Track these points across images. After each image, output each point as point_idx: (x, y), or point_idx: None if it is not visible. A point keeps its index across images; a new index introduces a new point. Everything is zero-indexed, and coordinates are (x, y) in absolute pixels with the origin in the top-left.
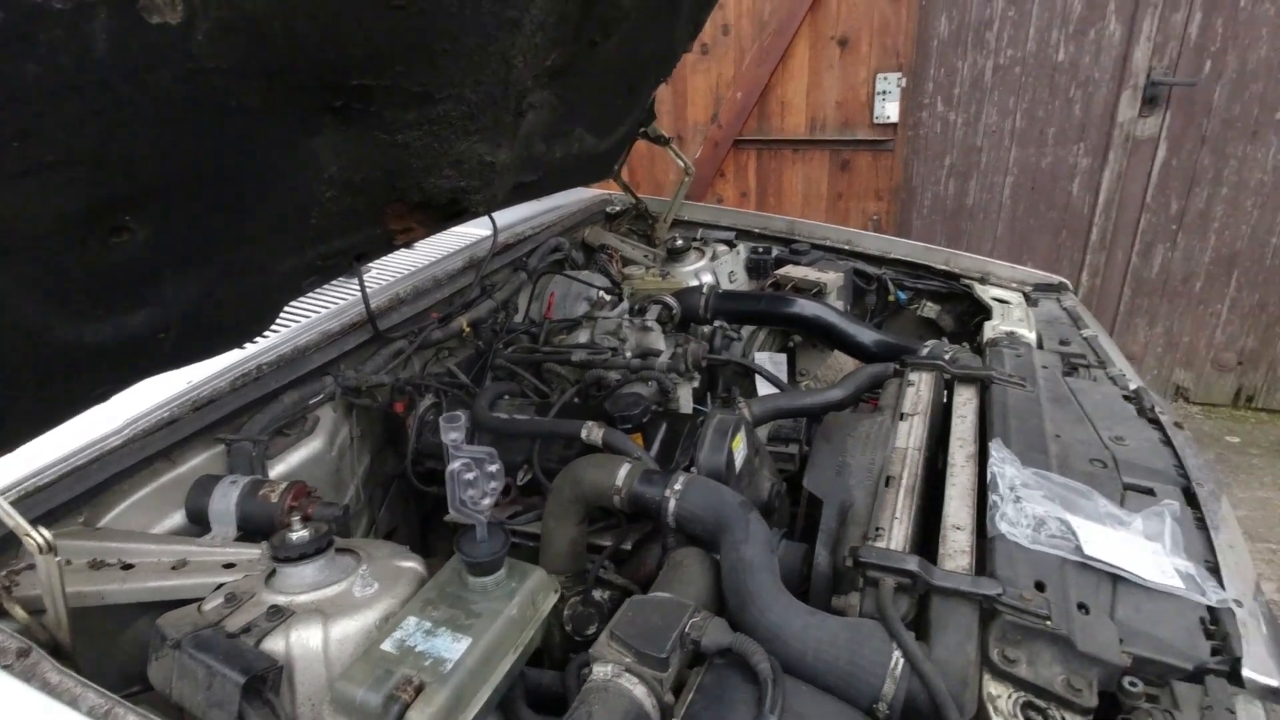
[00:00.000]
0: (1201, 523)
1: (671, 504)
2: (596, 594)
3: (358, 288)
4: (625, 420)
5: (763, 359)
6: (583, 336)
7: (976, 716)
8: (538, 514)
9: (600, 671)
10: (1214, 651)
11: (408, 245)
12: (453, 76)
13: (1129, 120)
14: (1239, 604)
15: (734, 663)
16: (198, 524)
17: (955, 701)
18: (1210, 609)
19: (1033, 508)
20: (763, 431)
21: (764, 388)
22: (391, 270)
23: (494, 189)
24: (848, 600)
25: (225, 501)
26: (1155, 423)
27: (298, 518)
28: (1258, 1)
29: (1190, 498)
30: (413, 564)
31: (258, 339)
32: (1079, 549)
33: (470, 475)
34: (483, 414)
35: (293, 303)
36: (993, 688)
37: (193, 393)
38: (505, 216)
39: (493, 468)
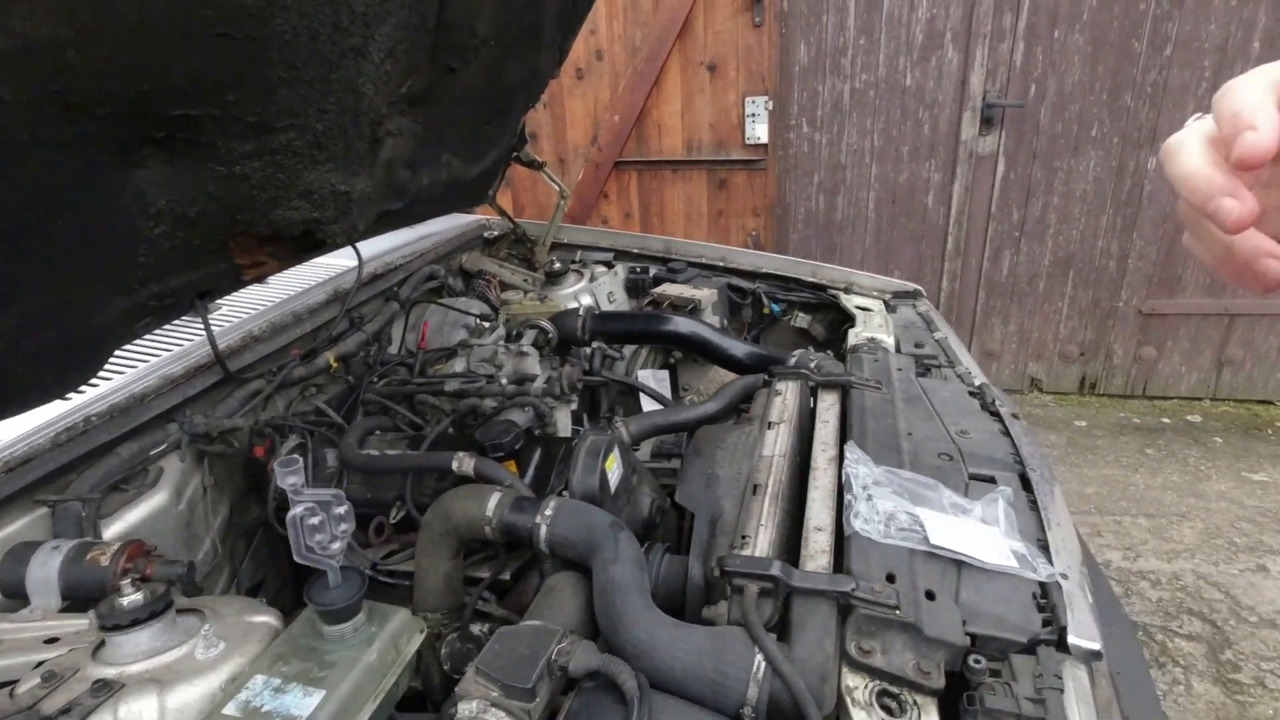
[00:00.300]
0: (1034, 504)
1: (543, 530)
2: (475, 628)
3: (202, 327)
4: (497, 448)
5: (646, 376)
6: (458, 365)
7: (836, 709)
8: (412, 551)
9: (465, 709)
10: (1045, 623)
11: (259, 280)
12: (293, 105)
13: (971, 138)
14: (1065, 577)
15: (604, 685)
16: (14, 598)
17: (815, 698)
18: (1041, 584)
19: (884, 504)
20: (646, 448)
21: (649, 405)
22: (244, 307)
23: (352, 219)
24: (716, 610)
25: (45, 570)
26: (995, 415)
27: (130, 580)
28: (1069, 33)
29: (1026, 482)
30: (266, 618)
31: (83, 388)
32: (926, 539)
33: (316, 520)
34: (350, 452)
35: (126, 347)
36: (850, 680)
37: (3, 452)
38: (374, 246)
39: (340, 509)
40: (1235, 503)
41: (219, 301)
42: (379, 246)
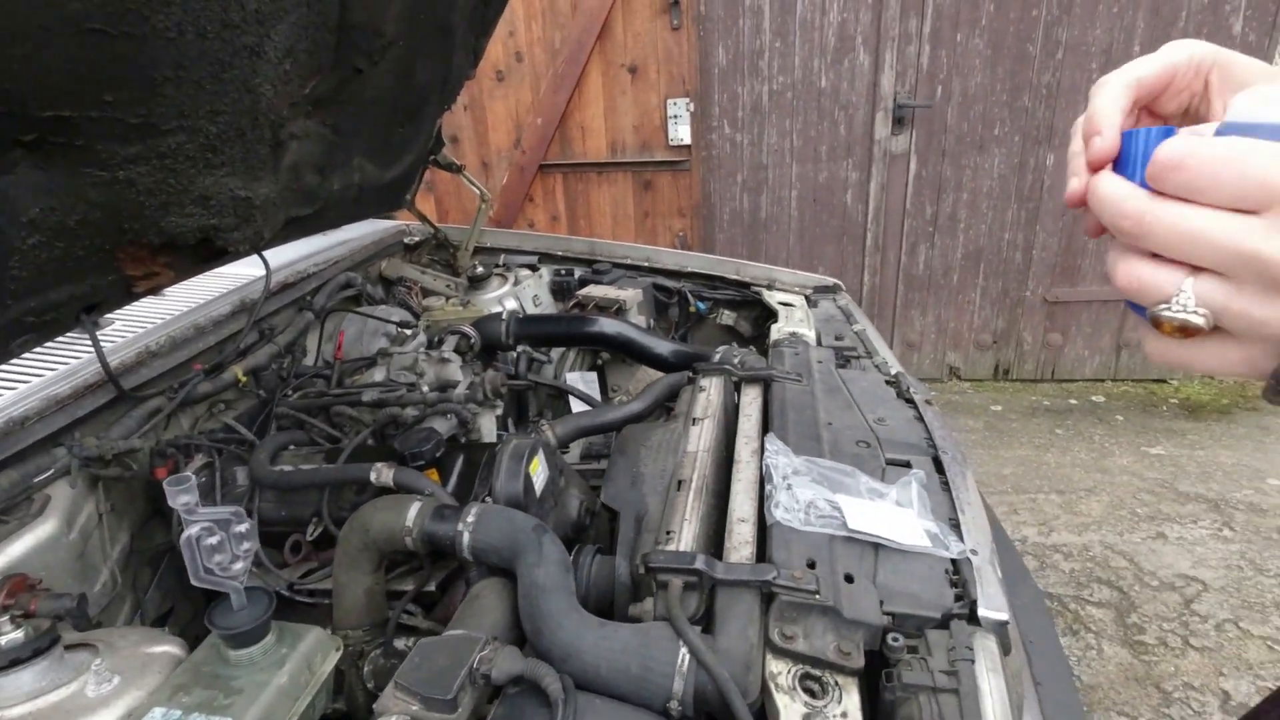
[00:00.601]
0: (946, 486)
1: (465, 537)
2: (401, 643)
3: (90, 344)
4: (417, 457)
5: (574, 379)
6: (378, 374)
7: (761, 695)
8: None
9: None
10: (957, 598)
11: (154, 292)
12: (182, 107)
13: (884, 138)
14: (975, 553)
15: (529, 690)
16: None
17: (740, 686)
18: (953, 561)
19: (803, 493)
20: (575, 450)
21: (578, 407)
22: (140, 321)
23: (256, 225)
24: (642, 607)
25: None
26: (910, 402)
27: (10, 618)
28: (970, 37)
29: (939, 465)
30: (167, 648)
31: None
32: (844, 525)
33: (214, 540)
34: (261, 469)
35: (4, 367)
36: (774, 666)
37: None
38: (285, 254)
39: (241, 527)
40: (1136, 475)
41: (110, 316)
42: (290, 254)
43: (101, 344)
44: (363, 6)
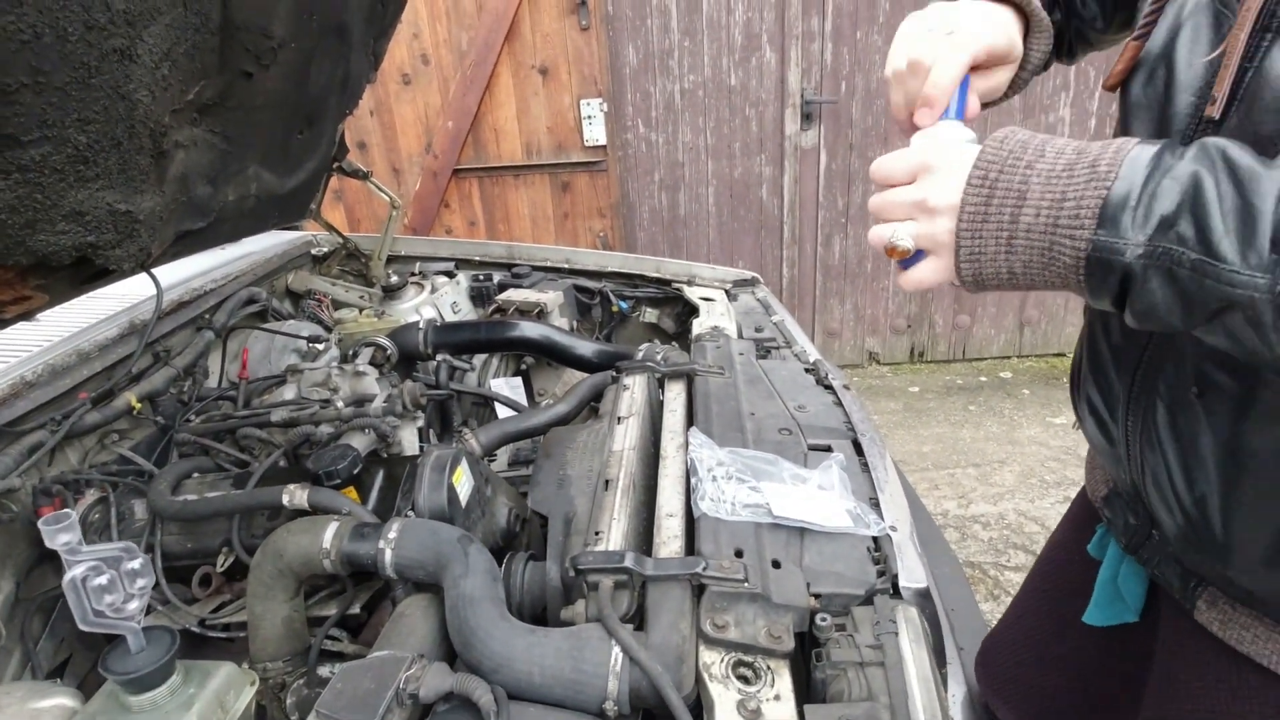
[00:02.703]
0: (865, 467)
1: (388, 555)
2: (325, 670)
3: None
4: (332, 476)
5: (499, 385)
6: (288, 393)
7: (696, 686)
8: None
9: None
10: (879, 574)
11: (25, 318)
12: (44, 115)
13: (794, 133)
14: (895, 529)
15: (460, 705)
16: None
17: (674, 680)
18: (874, 538)
19: (728, 484)
20: (503, 457)
21: (505, 414)
22: (13, 349)
23: (141, 242)
24: (574, 610)
25: None
26: (829, 388)
27: None
28: (869, 34)
29: (858, 447)
30: (58, 700)
31: None
32: (769, 512)
33: (102, 579)
34: (160, 500)
35: None
36: (707, 656)
37: None
38: (178, 271)
39: (133, 563)
40: (1043, 445)
41: None
42: (184, 271)
43: None
44: (247, 6)
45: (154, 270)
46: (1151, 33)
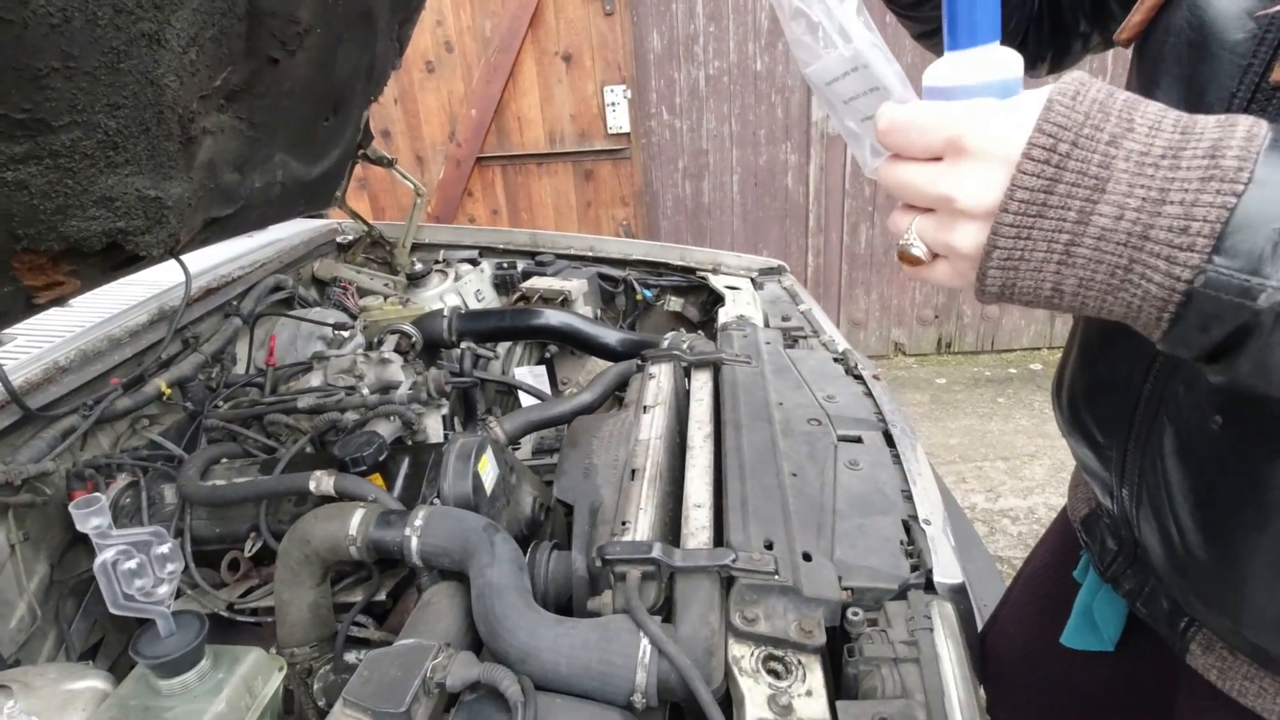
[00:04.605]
0: (897, 458)
1: (414, 542)
2: (352, 656)
3: None
4: (358, 463)
5: (523, 373)
6: (315, 380)
7: (725, 680)
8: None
9: None
10: (913, 568)
11: (59, 304)
12: (75, 100)
13: (821, 120)
14: (929, 522)
15: (487, 694)
16: None
17: (703, 673)
18: (908, 531)
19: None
20: (527, 446)
21: (528, 402)
22: (46, 335)
23: (170, 228)
24: (601, 600)
25: None
26: (859, 378)
27: None
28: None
29: (889, 439)
30: (91, 683)
31: None
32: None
33: (132, 563)
34: (189, 485)
35: None
36: (736, 650)
37: None
38: (207, 258)
39: (163, 548)
40: None
41: (11, 331)
42: (213, 258)
43: (2, 362)
44: None
45: (182, 257)
46: None
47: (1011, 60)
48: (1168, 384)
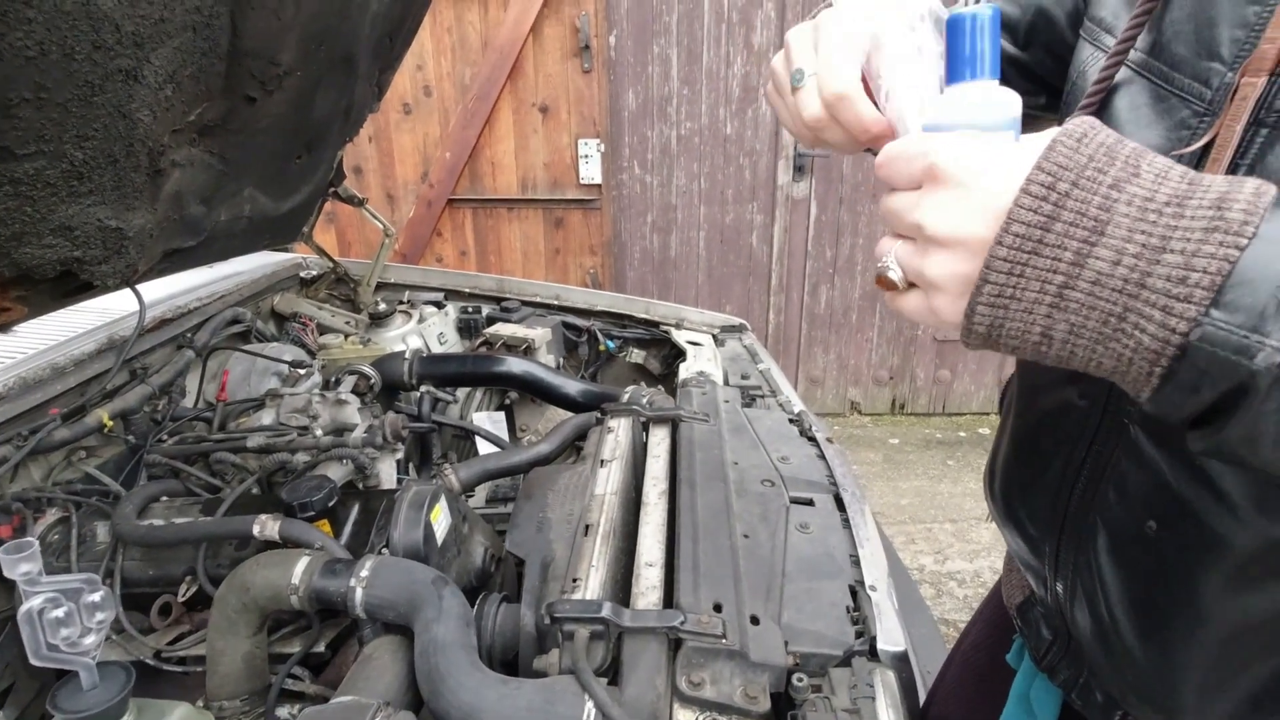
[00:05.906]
0: (846, 522)
1: (359, 594)
2: (284, 711)
3: None
4: (306, 508)
5: (481, 419)
6: (266, 418)
7: None
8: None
9: None
10: (857, 635)
11: (4, 330)
12: (42, 130)
13: (786, 183)
14: (874, 589)
15: None
16: None
17: None
18: (854, 596)
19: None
20: (481, 495)
21: (486, 449)
22: None
23: (129, 258)
24: (548, 659)
25: None
26: (812, 440)
27: None
28: None
29: (839, 502)
30: None
31: None
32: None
33: (60, 612)
34: (124, 523)
35: None
36: (681, 715)
37: None
38: (165, 287)
39: (94, 596)
40: None
41: None
42: (170, 288)
43: None
44: (257, 34)
45: (138, 286)
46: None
47: (1010, 99)
48: (1098, 487)
